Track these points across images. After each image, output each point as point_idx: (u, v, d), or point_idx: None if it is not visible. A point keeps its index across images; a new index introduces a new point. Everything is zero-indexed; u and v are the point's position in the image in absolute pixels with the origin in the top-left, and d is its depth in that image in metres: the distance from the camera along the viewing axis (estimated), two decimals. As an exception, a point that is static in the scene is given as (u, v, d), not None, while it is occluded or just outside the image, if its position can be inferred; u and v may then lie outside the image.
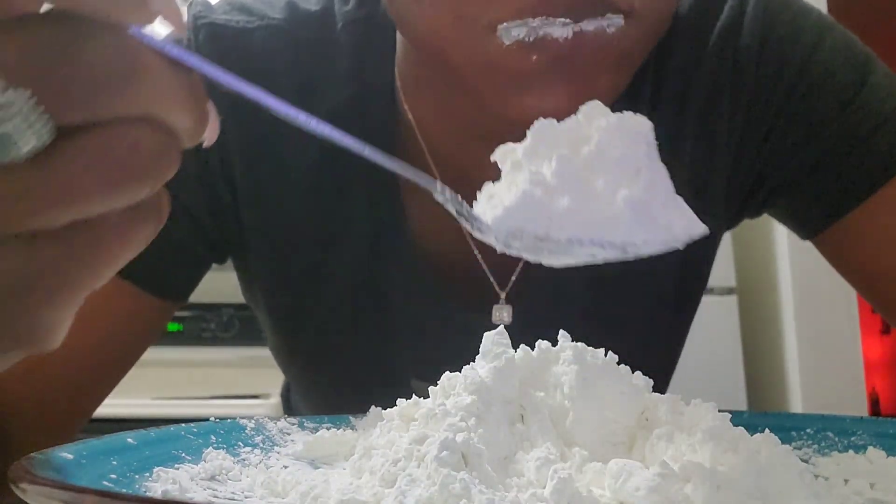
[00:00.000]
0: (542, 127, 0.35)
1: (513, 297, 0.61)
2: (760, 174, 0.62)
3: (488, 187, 0.34)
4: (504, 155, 0.35)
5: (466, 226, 0.33)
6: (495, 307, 0.60)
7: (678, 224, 0.33)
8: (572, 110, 0.45)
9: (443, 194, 0.32)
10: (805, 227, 0.64)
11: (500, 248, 0.33)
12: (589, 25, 0.43)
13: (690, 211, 0.34)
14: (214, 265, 0.66)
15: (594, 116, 0.34)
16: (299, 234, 0.62)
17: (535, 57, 0.44)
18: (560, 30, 0.43)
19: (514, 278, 0.61)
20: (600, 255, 0.33)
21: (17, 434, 0.56)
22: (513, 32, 0.43)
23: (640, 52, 0.49)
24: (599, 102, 0.36)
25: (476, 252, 0.61)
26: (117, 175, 0.24)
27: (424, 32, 0.49)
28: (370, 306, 0.63)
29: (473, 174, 0.60)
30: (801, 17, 0.61)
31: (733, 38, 0.60)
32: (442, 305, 0.62)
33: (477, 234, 0.33)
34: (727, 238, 0.66)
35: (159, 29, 0.27)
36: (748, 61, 0.60)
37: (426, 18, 0.47)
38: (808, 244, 0.66)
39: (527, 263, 0.61)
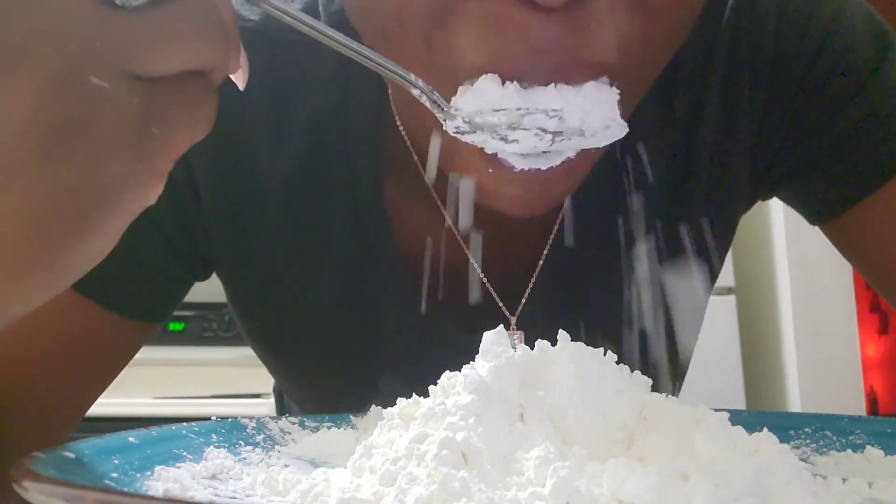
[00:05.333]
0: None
1: (523, 317, 0.58)
2: (778, 152, 0.60)
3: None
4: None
5: (439, 115, 0.39)
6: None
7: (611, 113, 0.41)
8: (530, 212, 0.45)
9: (417, 85, 0.38)
10: (817, 211, 0.61)
11: (467, 132, 0.39)
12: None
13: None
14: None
15: None
16: (276, 254, 0.58)
17: (490, 170, 0.42)
18: (524, 161, 0.41)
19: (524, 301, 0.58)
20: (548, 127, 0.39)
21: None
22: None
23: (636, 98, 0.46)
24: None
25: (479, 272, 0.57)
26: (204, 27, 0.31)
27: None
28: (356, 330, 0.59)
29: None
30: None
31: (748, 11, 0.58)
32: (435, 327, 0.58)
33: (449, 126, 0.39)
34: (726, 238, 0.66)
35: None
36: (765, 35, 0.57)
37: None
38: (807, 243, 0.65)
39: (537, 281, 0.58)
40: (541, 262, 0.59)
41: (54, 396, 0.57)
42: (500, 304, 0.58)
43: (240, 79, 0.37)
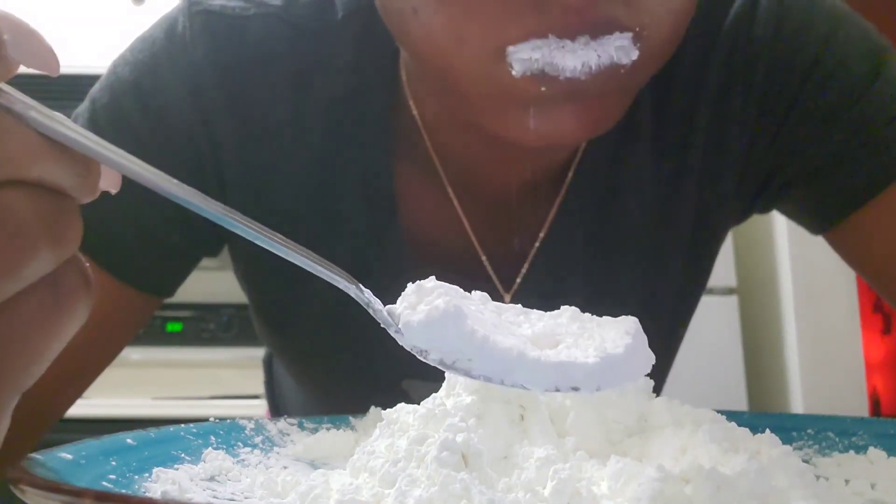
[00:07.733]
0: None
1: (517, 299, 0.60)
2: (773, 166, 0.61)
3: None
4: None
5: (391, 331, 0.34)
6: None
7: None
8: (578, 136, 0.45)
9: (360, 299, 0.34)
10: (817, 221, 0.63)
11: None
12: (600, 47, 0.42)
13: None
14: (214, 266, 0.65)
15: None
16: (290, 231, 0.60)
17: (543, 88, 0.42)
18: (571, 58, 0.41)
19: (518, 280, 0.60)
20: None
21: None
22: (523, 57, 0.41)
23: (650, 72, 0.48)
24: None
25: (480, 253, 0.60)
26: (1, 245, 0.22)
27: (423, 50, 0.46)
28: (359, 308, 0.61)
29: (478, 170, 0.60)
30: (815, 7, 0.60)
31: (746, 26, 0.60)
32: None
33: (403, 342, 0.34)
34: (728, 238, 0.66)
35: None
36: (761, 51, 0.59)
37: (425, 37, 0.44)
38: (809, 244, 0.66)
39: (532, 265, 0.61)
40: (537, 245, 0.61)
41: (61, 367, 0.58)
42: (496, 281, 0.60)
43: (113, 185, 0.28)
